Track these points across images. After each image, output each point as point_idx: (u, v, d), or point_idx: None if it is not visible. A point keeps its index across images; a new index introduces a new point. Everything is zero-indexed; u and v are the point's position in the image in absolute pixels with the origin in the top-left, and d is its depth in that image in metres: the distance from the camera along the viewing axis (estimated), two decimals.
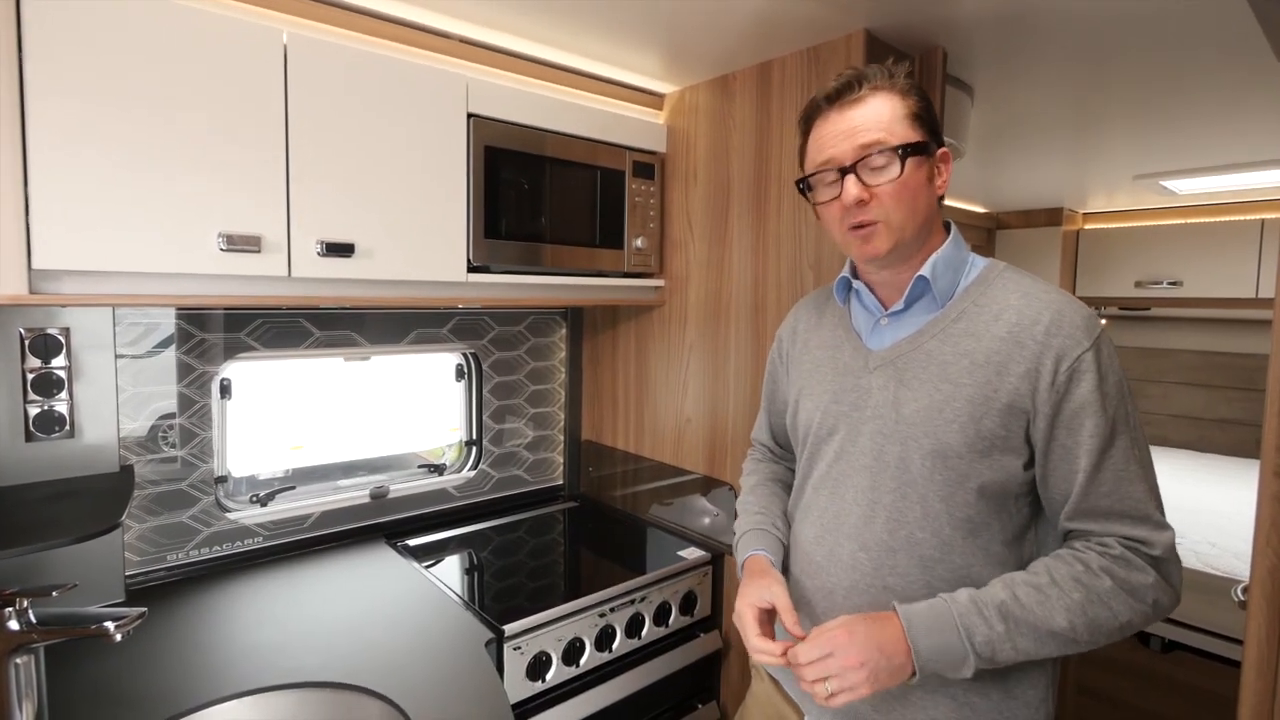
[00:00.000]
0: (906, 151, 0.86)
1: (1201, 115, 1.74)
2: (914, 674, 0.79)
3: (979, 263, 0.93)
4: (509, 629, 1.21)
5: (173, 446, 1.37)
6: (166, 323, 1.35)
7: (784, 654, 0.83)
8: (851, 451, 0.93)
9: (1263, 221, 2.82)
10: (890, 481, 0.89)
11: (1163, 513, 0.83)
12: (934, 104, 1.25)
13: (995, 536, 0.86)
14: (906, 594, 0.87)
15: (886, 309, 0.94)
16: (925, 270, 0.90)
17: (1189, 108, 1.68)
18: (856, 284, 0.98)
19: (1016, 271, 0.91)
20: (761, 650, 0.86)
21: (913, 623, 0.80)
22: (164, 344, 1.35)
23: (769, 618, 0.90)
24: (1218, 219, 2.97)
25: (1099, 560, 0.80)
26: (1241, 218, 2.89)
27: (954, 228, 0.95)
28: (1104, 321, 3.70)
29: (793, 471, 1.13)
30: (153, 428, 1.35)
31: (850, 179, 0.87)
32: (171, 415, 1.37)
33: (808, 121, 0.94)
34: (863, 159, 0.86)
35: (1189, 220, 3.07)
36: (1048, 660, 0.87)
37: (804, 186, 0.94)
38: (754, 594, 0.90)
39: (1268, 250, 2.80)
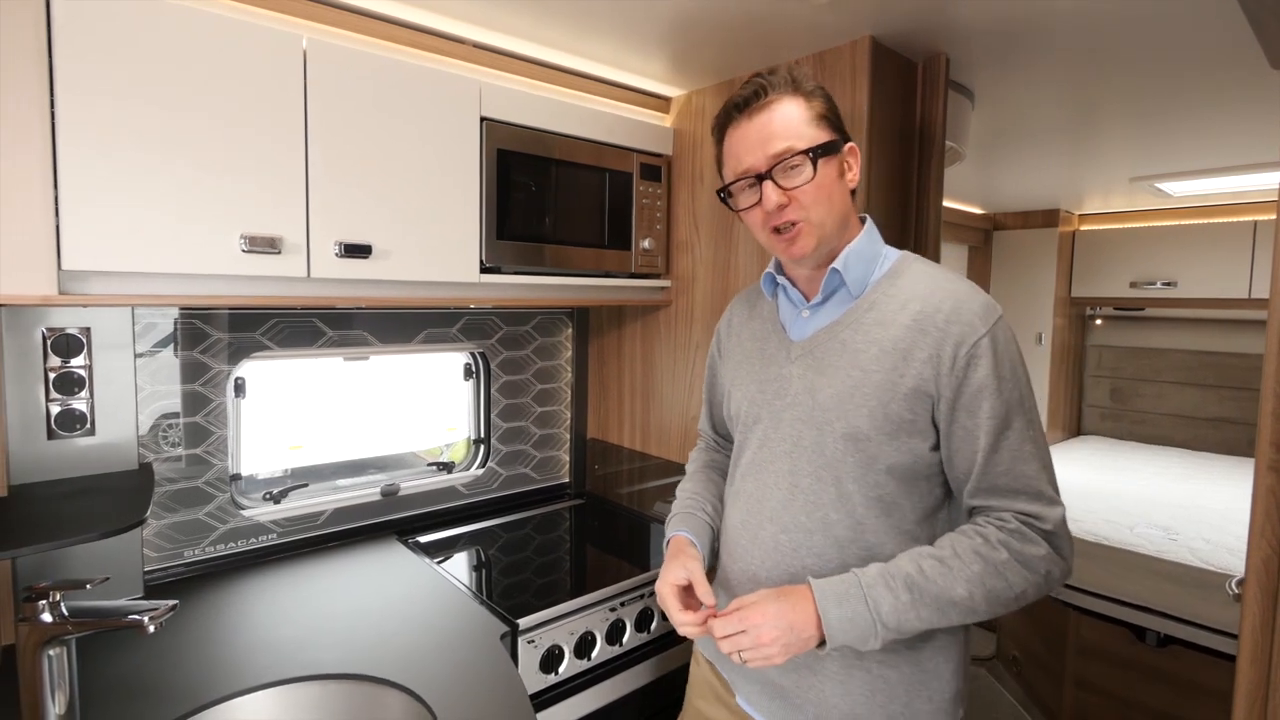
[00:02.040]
0: (817, 153, 0.90)
1: (1196, 119, 1.77)
2: (824, 643, 0.85)
3: (892, 255, 0.99)
4: (523, 623, 1.23)
5: (177, 445, 1.39)
6: (183, 322, 1.37)
7: (704, 623, 0.91)
8: (774, 438, 0.98)
9: (1255, 223, 2.86)
10: (807, 465, 0.94)
11: (1055, 489, 0.88)
12: (937, 105, 1.31)
13: (906, 516, 0.92)
14: (822, 573, 0.91)
15: (809, 302, 1.00)
16: (838, 263, 0.94)
17: (1184, 112, 1.71)
18: (781, 279, 1.03)
19: (925, 263, 0.97)
20: (684, 623, 0.92)
21: (824, 595, 0.86)
22: (181, 344, 1.37)
23: (689, 593, 0.96)
24: (1211, 220, 3.02)
25: (997, 534, 0.86)
26: (1235, 219, 2.93)
27: (869, 221, 1.00)
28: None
29: (726, 459, 1.21)
30: (168, 425, 1.37)
31: (768, 185, 0.92)
32: (178, 414, 1.38)
33: (721, 130, 0.98)
34: (777, 164, 0.91)
35: (1183, 222, 3.11)
36: (957, 635, 0.95)
37: (724, 195, 0.99)
38: (672, 573, 0.96)
39: (1260, 251, 2.85)
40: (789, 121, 0.91)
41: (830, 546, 0.92)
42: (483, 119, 1.33)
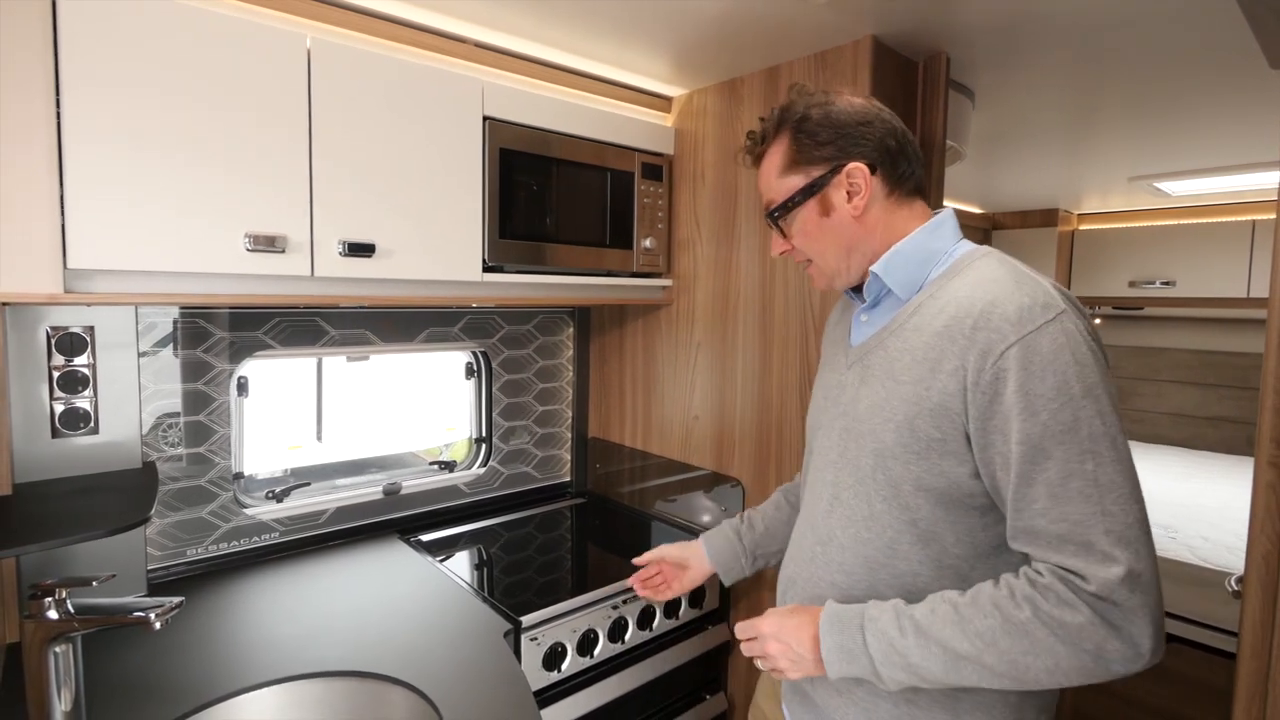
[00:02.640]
0: (777, 215, 0.93)
1: (1195, 119, 1.78)
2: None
3: (959, 251, 0.88)
4: (526, 620, 1.24)
5: (177, 444, 1.39)
6: (186, 321, 1.37)
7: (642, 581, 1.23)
8: (825, 446, 0.94)
9: (1254, 222, 2.87)
10: (848, 479, 0.88)
11: (1121, 543, 0.69)
12: (938, 105, 1.30)
13: (948, 549, 0.81)
14: (851, 591, 0.87)
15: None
16: (877, 267, 0.88)
17: (1183, 111, 1.72)
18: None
19: (991, 259, 0.84)
20: (634, 578, 1.23)
21: (828, 619, 0.83)
22: (184, 343, 1.37)
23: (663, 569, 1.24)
24: (1210, 220, 3.02)
25: (1024, 588, 0.73)
26: (1233, 219, 2.94)
27: (939, 215, 0.91)
28: (1073, 311, 3.77)
29: None
30: (169, 424, 1.37)
31: (774, 233, 0.97)
32: (179, 413, 1.39)
33: None
34: (768, 218, 0.96)
35: (1182, 221, 3.12)
36: (1009, 698, 0.82)
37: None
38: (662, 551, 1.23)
39: (1259, 250, 2.86)
40: (768, 177, 0.95)
41: (859, 565, 0.86)
42: (485, 118, 1.34)
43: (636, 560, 1.25)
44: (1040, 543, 0.73)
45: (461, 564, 1.50)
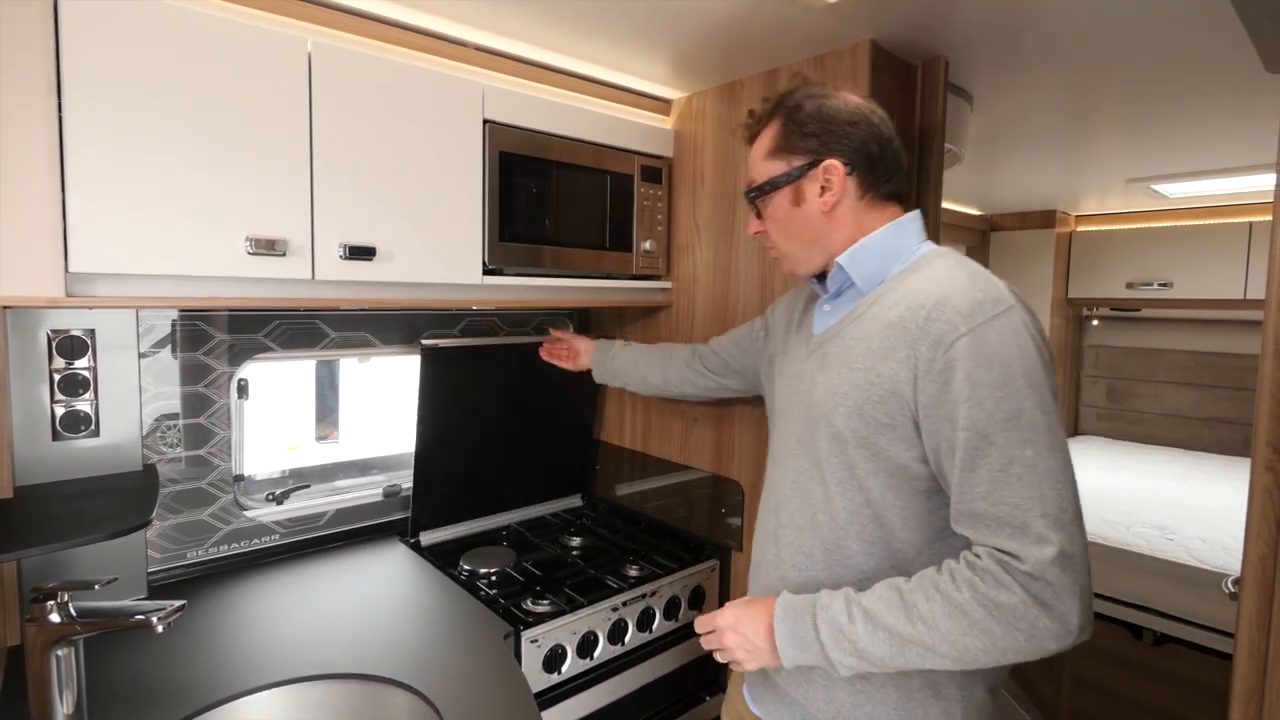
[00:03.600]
0: (753, 195, 0.97)
1: (1192, 121, 1.79)
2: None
3: (920, 251, 0.93)
4: (526, 622, 1.24)
5: (175, 445, 1.39)
6: (186, 324, 1.37)
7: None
8: (788, 432, 0.98)
9: (1250, 224, 2.88)
10: (806, 463, 0.93)
11: (1055, 526, 0.73)
12: (936, 108, 1.33)
13: (896, 534, 0.85)
14: (810, 573, 0.91)
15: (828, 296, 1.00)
16: (843, 258, 0.93)
17: (1180, 114, 1.73)
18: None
19: (948, 258, 0.89)
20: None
21: (781, 608, 0.86)
22: (184, 345, 1.37)
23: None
24: (1207, 221, 3.04)
25: (964, 571, 0.77)
26: (1230, 221, 2.95)
27: (908, 216, 0.95)
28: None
29: (695, 376, 1.42)
30: (168, 426, 1.37)
31: (750, 213, 1.02)
32: (179, 415, 1.39)
33: None
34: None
35: (1179, 223, 3.13)
36: (956, 676, 0.87)
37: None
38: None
39: (1255, 252, 2.87)
40: (755, 158, 0.98)
41: (817, 547, 0.91)
42: (485, 121, 1.34)
43: (552, 330, 1.65)
44: (980, 525, 0.77)
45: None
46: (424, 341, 1.62)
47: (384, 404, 1.78)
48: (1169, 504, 2.64)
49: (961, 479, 0.78)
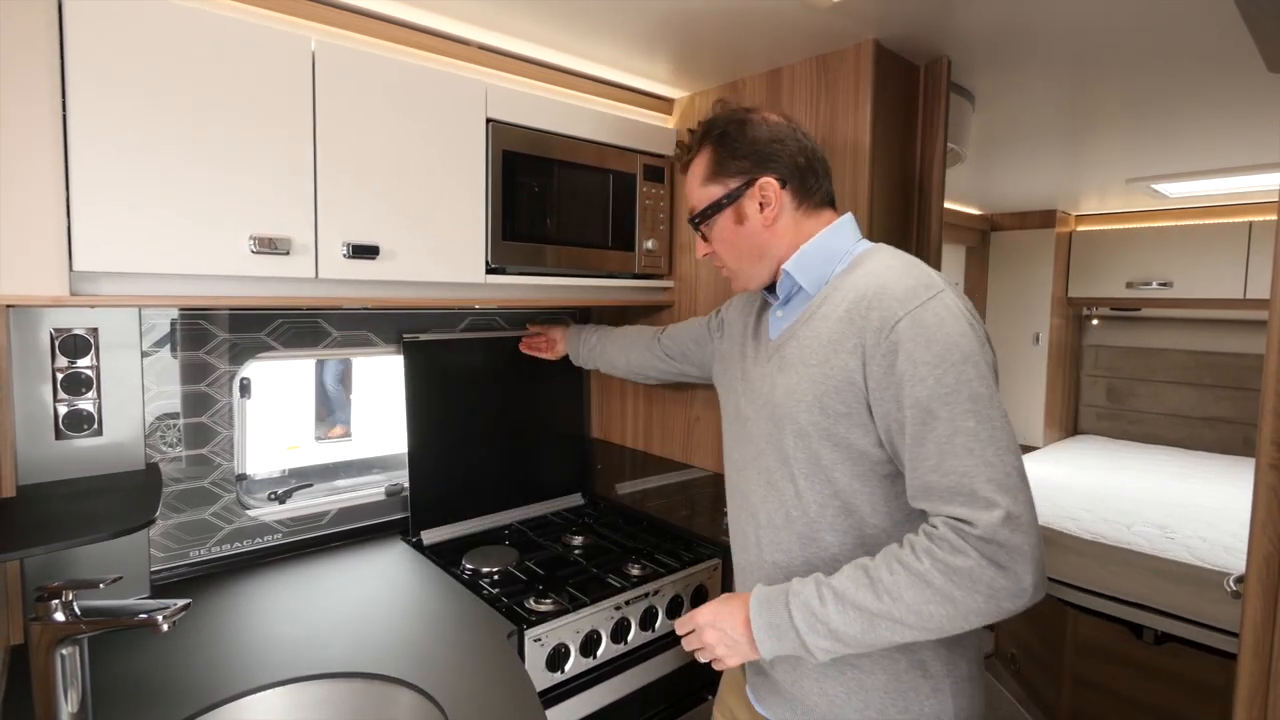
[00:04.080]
0: (696, 221, 1.02)
1: (1193, 121, 1.79)
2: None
3: (859, 249, 0.98)
4: (530, 621, 1.24)
5: (176, 444, 1.39)
6: (189, 323, 1.37)
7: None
8: (752, 435, 1.02)
9: (1251, 224, 2.89)
10: (774, 461, 0.96)
11: (1002, 490, 0.77)
12: (939, 108, 1.35)
13: (866, 517, 0.90)
14: (789, 569, 0.94)
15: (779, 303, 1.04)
16: (788, 264, 0.98)
17: (1181, 114, 1.73)
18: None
19: (886, 254, 0.95)
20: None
21: (756, 600, 0.88)
22: (187, 344, 1.37)
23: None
24: (1207, 221, 3.04)
25: (923, 542, 0.80)
26: (1230, 220, 2.96)
27: (843, 219, 1.01)
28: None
29: (657, 361, 1.48)
30: (169, 425, 1.37)
31: (697, 238, 1.06)
32: (180, 414, 1.39)
33: None
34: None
35: (1179, 223, 3.13)
36: (939, 652, 0.90)
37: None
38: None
39: (1255, 252, 2.87)
40: (691, 185, 1.04)
41: (794, 543, 0.94)
42: (488, 120, 1.34)
43: (529, 324, 1.73)
44: (934, 497, 0.81)
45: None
46: (405, 337, 1.63)
47: (387, 403, 1.78)
48: (1169, 503, 2.64)
49: (912, 454, 0.82)
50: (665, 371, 1.49)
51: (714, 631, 0.92)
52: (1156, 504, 2.63)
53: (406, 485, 1.68)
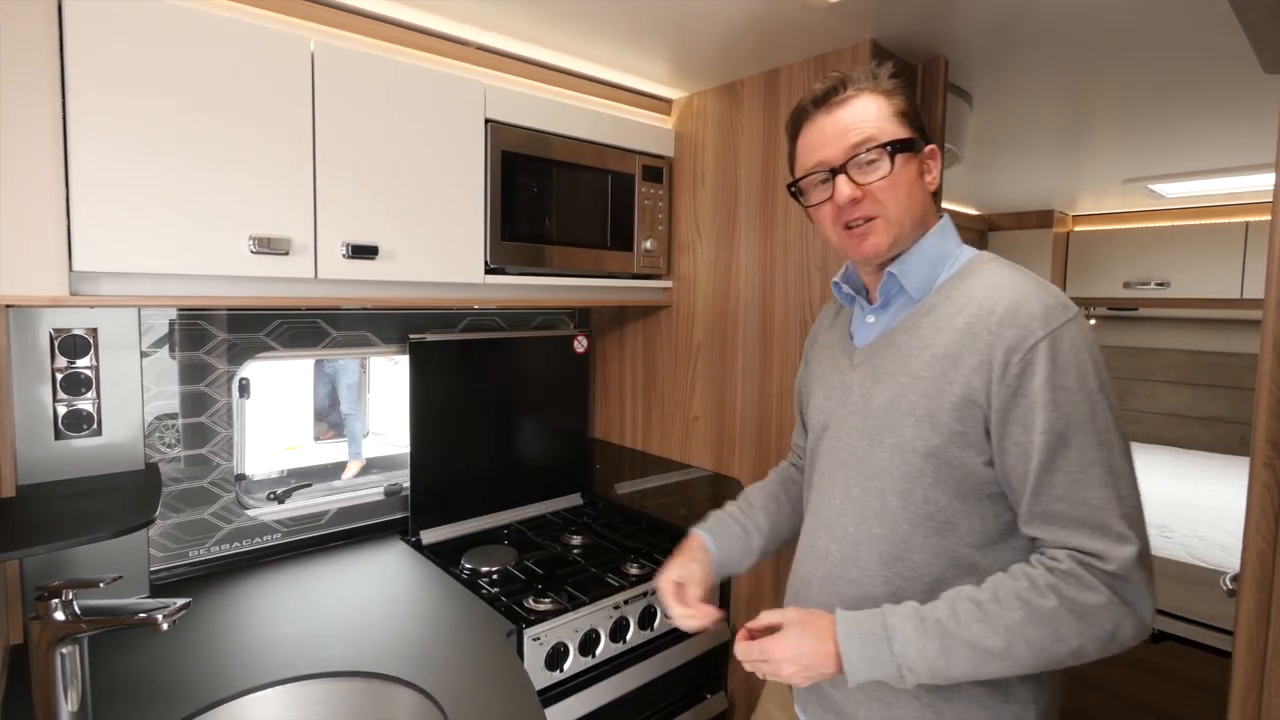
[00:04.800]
0: (895, 148, 0.86)
1: (1189, 122, 1.80)
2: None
3: (965, 255, 0.92)
4: (529, 620, 1.24)
5: (174, 445, 1.39)
6: (188, 323, 1.37)
7: (713, 621, 0.94)
8: (834, 447, 0.96)
9: (1247, 224, 2.89)
10: (858, 475, 0.91)
11: (1132, 525, 0.76)
12: (937, 108, 1.28)
13: (962, 539, 0.84)
14: (866, 589, 0.88)
15: (873, 306, 0.96)
16: (894, 267, 0.90)
17: (1177, 114, 1.74)
18: (845, 287, 1.00)
19: (999, 263, 0.89)
20: (678, 615, 0.95)
21: (847, 631, 0.81)
22: (186, 345, 1.37)
23: (684, 590, 0.98)
24: (1204, 221, 3.05)
25: (1046, 577, 0.76)
26: (1227, 220, 2.96)
27: (944, 220, 0.95)
28: (1083, 312, 3.79)
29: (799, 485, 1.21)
30: (168, 425, 1.37)
31: (842, 179, 0.88)
32: (180, 414, 1.39)
33: (795, 126, 0.95)
34: (853, 158, 0.87)
35: (1176, 223, 3.14)
36: (1028, 678, 0.85)
37: (795, 190, 0.95)
38: (673, 571, 0.99)
39: (1252, 252, 2.88)
40: (868, 116, 0.88)
41: (874, 562, 0.88)
42: (487, 121, 1.34)
43: (686, 611, 0.97)
44: (1056, 526, 0.77)
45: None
46: (412, 337, 1.62)
47: (385, 403, 1.78)
48: (1166, 502, 2.65)
49: (1039, 481, 0.78)
50: None
51: (793, 666, 0.83)
52: (1153, 503, 2.64)
53: (406, 485, 1.69)
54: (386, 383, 1.75)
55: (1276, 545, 0.76)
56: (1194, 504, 2.62)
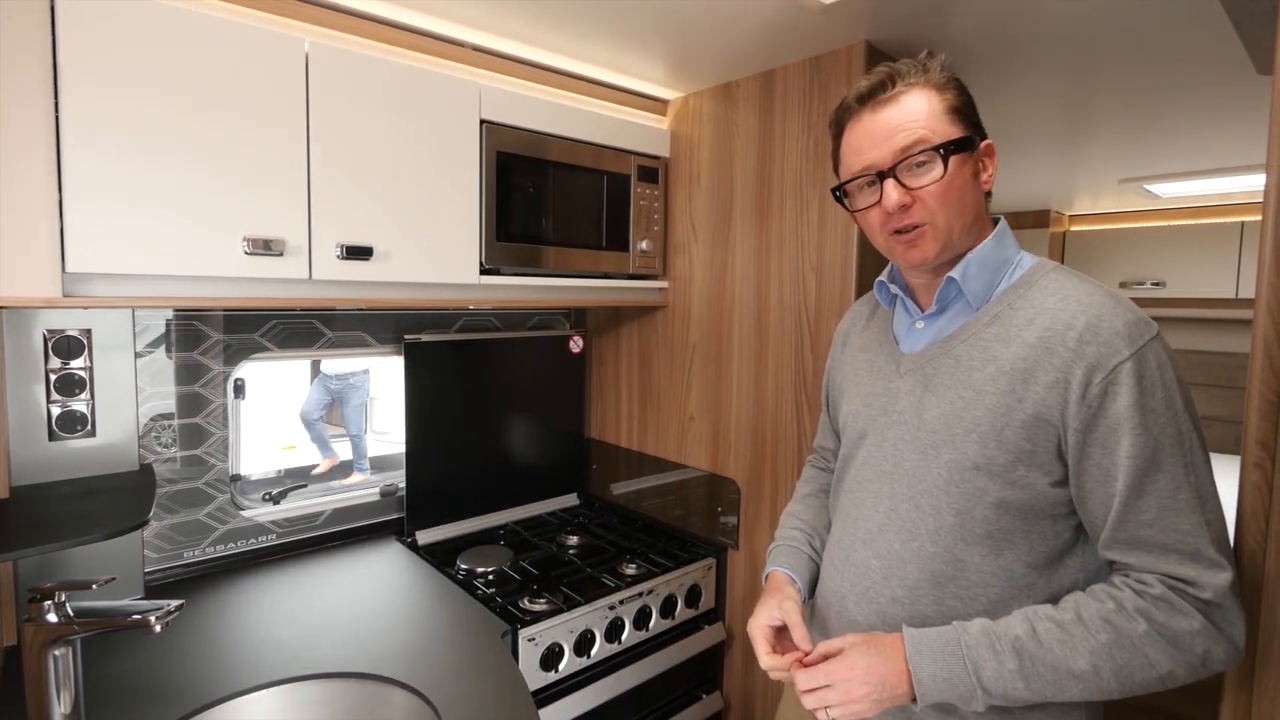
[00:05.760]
0: (949, 149, 0.80)
1: (1184, 123, 1.80)
2: (915, 700, 0.77)
3: (1026, 262, 0.87)
4: (524, 621, 1.24)
5: (170, 445, 1.39)
6: (183, 324, 1.37)
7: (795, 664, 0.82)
8: (876, 457, 0.91)
9: (1242, 224, 2.90)
10: (906, 489, 0.86)
11: (1222, 550, 0.74)
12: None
13: (1020, 558, 0.80)
14: (914, 608, 0.84)
15: (924, 311, 0.91)
16: (955, 272, 0.85)
17: (1172, 115, 1.74)
18: (894, 287, 0.95)
19: (1065, 272, 0.84)
20: (773, 667, 0.85)
21: (918, 649, 0.77)
22: (181, 345, 1.37)
23: (780, 633, 0.89)
24: (1199, 221, 3.05)
25: (1135, 601, 0.73)
26: (1222, 220, 2.97)
27: (1002, 224, 0.89)
28: (1159, 330, 3.79)
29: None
30: (164, 426, 1.37)
31: (890, 183, 0.82)
32: (175, 415, 1.39)
33: (839, 124, 0.89)
34: (903, 161, 0.81)
35: (1171, 223, 3.15)
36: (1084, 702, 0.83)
37: (840, 194, 0.90)
38: (765, 613, 0.90)
39: (1247, 252, 2.88)
40: (918, 114, 0.82)
41: (924, 580, 0.83)
42: (482, 121, 1.34)
43: (782, 664, 0.86)
44: (1142, 551, 0.75)
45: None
46: (407, 338, 1.62)
47: (382, 403, 1.78)
48: None
49: (1125, 506, 0.74)
50: None
51: (864, 687, 0.77)
52: (1229, 546, 2.63)
53: (401, 485, 1.68)
54: (387, 383, 1.74)
55: (1267, 545, 0.77)
56: None
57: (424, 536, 1.65)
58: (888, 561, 0.86)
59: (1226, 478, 0.77)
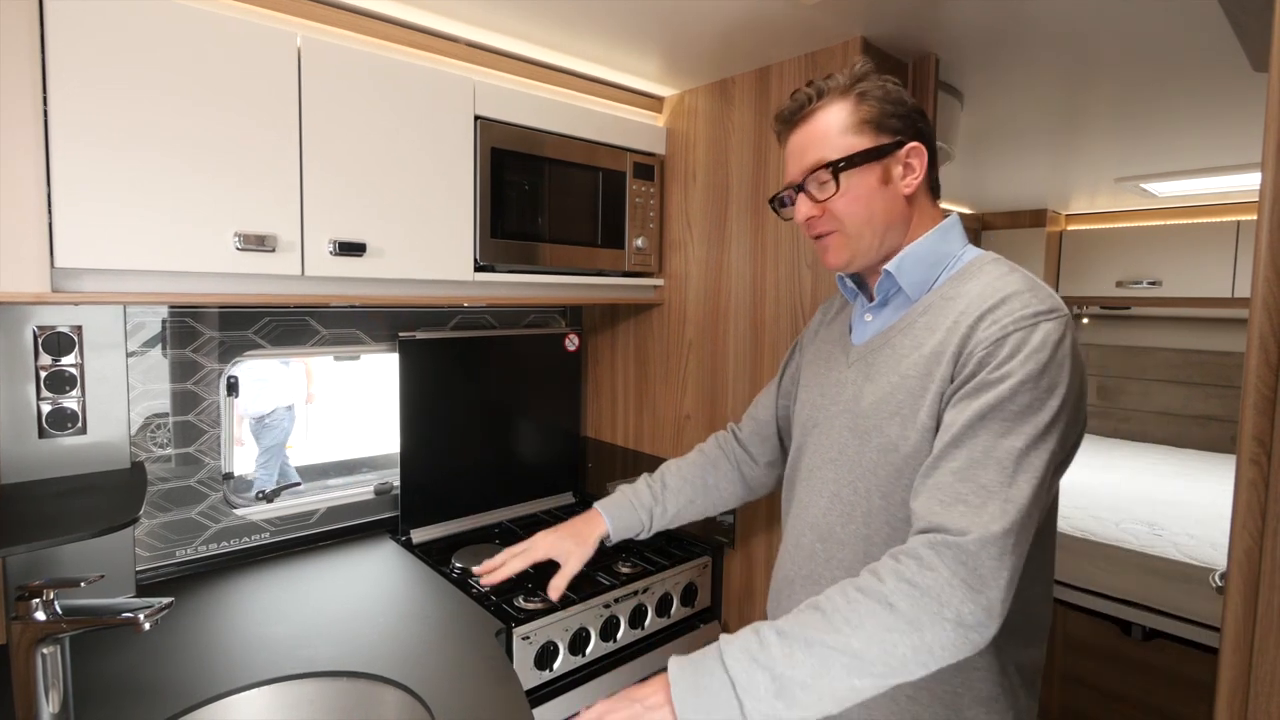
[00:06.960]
0: (843, 166, 0.87)
1: (1180, 121, 1.80)
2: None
3: (967, 256, 0.91)
4: (518, 619, 1.24)
5: (165, 445, 1.38)
6: (175, 321, 1.36)
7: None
8: (824, 444, 0.95)
9: (1238, 223, 2.90)
10: (847, 475, 0.90)
11: (1011, 520, 0.70)
12: (927, 106, 1.26)
13: None
14: None
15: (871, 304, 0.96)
16: (891, 265, 0.90)
17: (1168, 114, 1.74)
18: (849, 282, 1.00)
19: (1000, 263, 0.88)
20: (480, 572, 1.10)
21: (677, 665, 0.74)
22: (173, 342, 1.36)
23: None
24: (1195, 220, 3.06)
25: (888, 563, 0.72)
26: (1218, 220, 2.97)
27: (949, 220, 0.93)
28: (1070, 313, 3.80)
29: (739, 466, 1.23)
30: (158, 425, 1.36)
31: (801, 197, 0.92)
32: (168, 412, 1.38)
33: (779, 141, 0.99)
34: (809, 177, 0.90)
35: (1168, 222, 3.15)
36: (1008, 690, 0.84)
37: (776, 205, 1.00)
38: (548, 542, 1.14)
39: (1243, 251, 2.89)
40: (826, 132, 0.89)
41: (858, 561, 0.86)
42: (477, 117, 1.34)
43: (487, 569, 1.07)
44: (933, 497, 0.74)
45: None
46: (401, 335, 1.62)
47: (379, 402, 1.77)
48: (1158, 501, 2.65)
49: (944, 450, 0.76)
50: (764, 453, 1.22)
51: (615, 704, 0.75)
52: (1145, 501, 2.65)
53: (396, 484, 1.68)
54: (364, 382, 1.73)
55: (1262, 542, 0.76)
56: (1185, 502, 2.63)
57: (418, 535, 1.65)
58: (829, 545, 0.91)
59: (1224, 476, 0.77)
